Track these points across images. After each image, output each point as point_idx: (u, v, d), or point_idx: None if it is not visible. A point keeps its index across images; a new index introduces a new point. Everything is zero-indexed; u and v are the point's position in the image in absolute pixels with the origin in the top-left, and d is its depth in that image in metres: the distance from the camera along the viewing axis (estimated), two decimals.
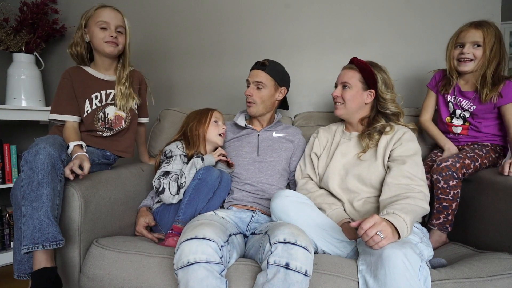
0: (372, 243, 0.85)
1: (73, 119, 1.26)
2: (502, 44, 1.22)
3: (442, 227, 1.19)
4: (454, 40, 1.28)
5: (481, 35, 1.21)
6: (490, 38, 1.20)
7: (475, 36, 1.22)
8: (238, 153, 1.40)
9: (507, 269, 0.87)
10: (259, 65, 1.41)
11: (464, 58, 1.24)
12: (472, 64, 1.24)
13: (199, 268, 0.83)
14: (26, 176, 0.99)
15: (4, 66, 1.94)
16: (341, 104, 1.27)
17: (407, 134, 1.18)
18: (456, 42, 1.27)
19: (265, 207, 1.30)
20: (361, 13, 1.75)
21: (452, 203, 1.17)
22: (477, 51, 1.23)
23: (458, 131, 1.32)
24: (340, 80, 1.28)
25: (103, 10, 1.28)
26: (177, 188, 1.22)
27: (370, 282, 0.85)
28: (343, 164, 1.23)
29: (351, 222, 1.05)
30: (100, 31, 1.26)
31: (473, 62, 1.23)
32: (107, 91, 1.32)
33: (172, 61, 2.01)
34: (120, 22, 1.30)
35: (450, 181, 1.15)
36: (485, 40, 1.21)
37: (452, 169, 1.15)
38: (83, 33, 1.28)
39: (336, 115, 1.30)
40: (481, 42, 1.22)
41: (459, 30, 1.28)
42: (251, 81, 1.40)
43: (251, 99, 1.39)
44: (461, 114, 1.30)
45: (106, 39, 1.27)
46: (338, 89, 1.27)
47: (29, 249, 0.95)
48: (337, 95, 1.27)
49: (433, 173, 1.19)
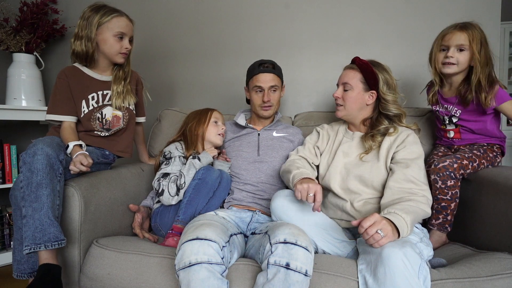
0: (372, 241, 0.85)
1: (70, 119, 1.25)
2: (488, 46, 1.20)
3: (442, 227, 1.20)
4: (439, 43, 1.26)
5: (466, 38, 1.19)
6: (476, 42, 1.18)
7: (460, 39, 1.20)
8: (238, 153, 1.40)
9: (506, 268, 0.87)
10: (270, 68, 1.39)
11: (448, 62, 1.22)
12: (455, 67, 1.22)
13: (201, 269, 0.83)
14: (25, 177, 0.99)
15: (4, 66, 1.94)
16: (342, 106, 1.25)
17: (411, 136, 1.17)
18: (441, 45, 1.25)
19: (265, 207, 1.30)
20: (361, 13, 1.75)
21: (451, 203, 1.17)
22: (460, 56, 1.21)
23: (451, 135, 1.33)
24: (341, 81, 1.26)
25: (121, 20, 1.27)
26: (176, 189, 1.22)
27: (370, 281, 0.85)
28: (345, 164, 1.23)
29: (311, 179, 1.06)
30: (116, 42, 1.26)
31: (456, 66, 1.22)
32: (104, 92, 1.31)
33: (172, 61, 2.01)
34: (132, 32, 1.32)
35: (448, 181, 1.15)
36: (470, 44, 1.19)
37: (450, 169, 1.15)
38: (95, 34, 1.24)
39: (336, 116, 1.29)
40: (466, 45, 1.20)
41: (444, 33, 1.25)
42: (265, 86, 1.38)
43: (269, 103, 1.39)
44: (450, 119, 1.31)
45: (121, 51, 1.28)
46: (339, 90, 1.25)
47: (31, 249, 0.95)
48: (337, 96, 1.25)
49: (431, 173, 1.18)
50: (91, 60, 1.30)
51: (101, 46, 1.27)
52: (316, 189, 0.99)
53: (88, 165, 1.11)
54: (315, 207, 0.99)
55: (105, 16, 1.24)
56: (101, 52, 1.29)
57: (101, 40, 1.26)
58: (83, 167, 1.09)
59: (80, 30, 1.25)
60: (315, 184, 1.01)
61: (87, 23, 1.24)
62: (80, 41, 1.25)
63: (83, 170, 1.10)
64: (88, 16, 1.25)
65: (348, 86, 1.22)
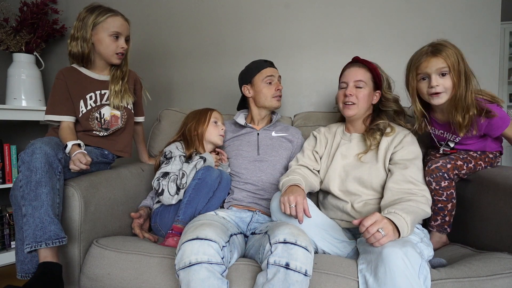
0: (373, 240, 0.85)
1: (68, 119, 1.26)
2: (465, 63, 1.10)
3: (441, 228, 1.19)
4: (415, 72, 1.14)
5: (443, 62, 1.08)
6: (454, 62, 1.08)
7: (437, 64, 1.09)
8: (238, 153, 1.40)
9: (506, 268, 0.87)
10: (271, 63, 1.46)
11: (435, 92, 1.11)
12: (445, 95, 1.11)
13: (201, 269, 0.83)
14: (24, 176, 0.99)
15: (4, 66, 1.94)
16: (354, 104, 1.20)
17: (408, 136, 1.18)
18: (418, 74, 1.14)
19: (265, 207, 1.30)
20: (361, 13, 1.75)
21: (447, 204, 1.16)
22: (445, 81, 1.10)
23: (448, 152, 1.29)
24: (352, 79, 1.21)
25: (116, 19, 1.26)
26: (176, 189, 1.22)
27: (370, 281, 0.85)
28: (344, 166, 1.23)
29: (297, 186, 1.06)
30: (111, 42, 1.26)
31: (445, 93, 1.11)
32: (101, 92, 1.31)
33: (172, 61, 2.01)
34: (128, 31, 1.31)
35: (442, 182, 1.13)
36: (449, 67, 1.08)
37: (443, 169, 1.14)
38: (90, 35, 1.25)
39: (347, 115, 1.23)
40: (446, 69, 1.09)
41: (417, 62, 1.13)
42: (276, 76, 1.44)
43: (280, 92, 1.45)
44: (446, 144, 1.26)
45: (117, 51, 1.27)
46: (351, 87, 1.20)
47: (32, 247, 0.95)
48: (351, 94, 1.19)
49: (426, 175, 1.16)
50: (87, 61, 1.30)
51: (97, 46, 1.27)
52: (297, 200, 0.99)
53: (87, 163, 1.12)
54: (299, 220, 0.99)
55: (100, 16, 1.24)
56: (97, 53, 1.29)
57: (96, 41, 1.26)
58: (83, 165, 1.10)
59: (76, 31, 1.26)
60: (295, 195, 1.00)
61: (82, 24, 1.25)
62: (75, 42, 1.26)
63: (83, 168, 1.10)
64: (83, 17, 1.25)
65: (361, 84, 1.20)
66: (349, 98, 1.20)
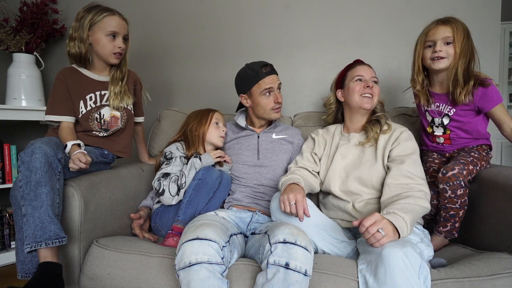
0: (373, 240, 0.85)
1: (68, 119, 1.26)
2: (471, 40, 1.17)
3: (449, 234, 1.18)
4: (423, 39, 1.22)
5: (450, 31, 1.16)
6: (460, 34, 1.15)
7: (445, 32, 1.17)
8: (238, 157, 1.40)
9: (506, 268, 0.87)
10: (271, 69, 1.37)
11: (437, 57, 1.18)
12: (446, 61, 1.18)
13: (201, 269, 0.83)
14: (23, 176, 0.99)
15: (4, 66, 1.94)
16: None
17: (404, 133, 1.19)
18: (426, 42, 1.21)
19: (265, 207, 1.30)
20: (361, 13, 1.75)
21: (459, 211, 1.15)
22: (449, 48, 1.17)
23: (441, 141, 1.30)
24: (369, 75, 1.24)
25: (113, 19, 1.25)
26: (177, 189, 1.22)
27: (370, 281, 0.85)
28: (344, 166, 1.23)
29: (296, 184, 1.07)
30: (108, 42, 1.25)
31: (447, 59, 1.18)
32: (101, 92, 1.31)
33: (172, 61, 2.01)
34: (127, 30, 1.30)
35: (458, 190, 1.11)
36: (454, 37, 1.16)
37: (460, 177, 1.11)
38: (87, 35, 1.24)
39: (366, 109, 1.24)
40: (451, 39, 1.16)
41: (427, 29, 1.22)
42: (275, 87, 1.36)
43: (279, 105, 1.38)
44: (439, 121, 1.27)
45: (115, 51, 1.26)
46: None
47: (32, 247, 0.95)
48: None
49: (439, 182, 1.14)
50: (85, 61, 1.29)
51: (95, 46, 1.27)
52: (297, 198, 0.99)
53: (87, 163, 1.12)
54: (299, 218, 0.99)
55: (97, 15, 1.24)
56: (95, 53, 1.29)
57: (94, 41, 1.25)
58: (82, 164, 1.10)
59: (74, 32, 1.25)
60: (295, 193, 1.00)
61: (79, 24, 1.24)
62: (73, 43, 1.25)
63: (82, 167, 1.10)
64: (81, 17, 1.25)
65: (376, 80, 1.25)
66: (368, 91, 1.22)
